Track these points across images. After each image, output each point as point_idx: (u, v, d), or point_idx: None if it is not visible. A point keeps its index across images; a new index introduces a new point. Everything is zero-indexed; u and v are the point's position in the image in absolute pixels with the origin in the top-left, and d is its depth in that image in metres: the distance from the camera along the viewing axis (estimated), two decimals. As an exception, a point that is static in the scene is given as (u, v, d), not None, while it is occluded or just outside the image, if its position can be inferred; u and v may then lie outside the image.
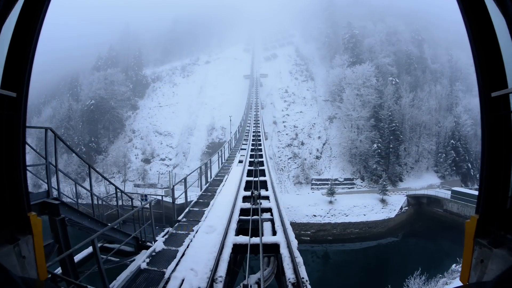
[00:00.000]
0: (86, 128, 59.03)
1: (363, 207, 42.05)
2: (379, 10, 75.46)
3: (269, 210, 9.32)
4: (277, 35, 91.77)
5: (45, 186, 6.15)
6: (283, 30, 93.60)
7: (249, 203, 9.61)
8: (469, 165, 51.52)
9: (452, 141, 51.31)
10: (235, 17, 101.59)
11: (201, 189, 12.53)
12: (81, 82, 67.85)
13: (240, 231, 8.53)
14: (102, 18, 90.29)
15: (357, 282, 29.02)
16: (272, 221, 8.52)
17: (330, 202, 42.40)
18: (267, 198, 10.56)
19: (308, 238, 38.32)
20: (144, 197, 10.64)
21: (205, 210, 9.50)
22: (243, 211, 9.28)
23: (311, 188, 47.67)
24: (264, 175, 14.55)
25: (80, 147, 55.34)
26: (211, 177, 14.70)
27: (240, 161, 18.21)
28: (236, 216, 8.56)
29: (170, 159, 55.04)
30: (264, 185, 12.97)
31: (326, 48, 74.78)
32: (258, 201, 9.49)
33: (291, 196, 44.81)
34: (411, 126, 52.98)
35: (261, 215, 8.70)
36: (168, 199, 42.29)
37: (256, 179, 13.28)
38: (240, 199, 10.17)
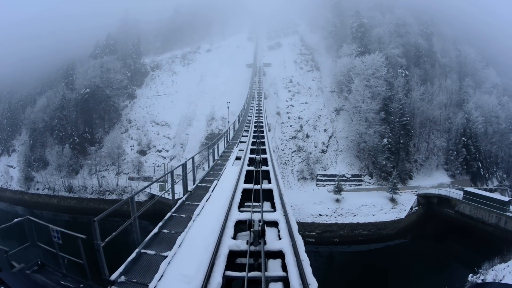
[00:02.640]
0: (80, 118, 54.76)
1: (372, 206, 38.07)
2: (386, 2, 71.81)
3: (279, 254, 5.15)
4: (282, 24, 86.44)
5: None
6: (287, 19, 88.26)
7: (245, 241, 5.38)
8: (479, 164, 47.34)
9: (463, 138, 47.14)
10: (238, 6, 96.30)
11: (173, 205, 8.33)
12: (77, 70, 62.97)
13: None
14: (101, 6, 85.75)
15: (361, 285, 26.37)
16: (285, 283, 4.38)
17: (337, 200, 38.36)
18: (274, 224, 6.37)
19: (313, 240, 34.40)
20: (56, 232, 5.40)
21: (165, 257, 5.30)
22: (234, 256, 5.13)
23: (316, 184, 43.48)
24: (269, 180, 10.37)
25: (74, 138, 51.21)
26: (194, 183, 10.53)
27: (238, 158, 13.97)
28: (218, 278, 4.34)
29: (167, 151, 50.84)
30: (268, 196, 8.76)
31: (332, 37, 70.24)
32: (260, 239, 5.21)
33: (295, 192, 40.71)
34: (421, 121, 48.96)
35: (266, 270, 4.54)
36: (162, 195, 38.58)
37: (257, 187, 9.00)
38: (229, 230, 5.90)
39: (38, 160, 52.48)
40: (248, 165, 12.29)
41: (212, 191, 8.66)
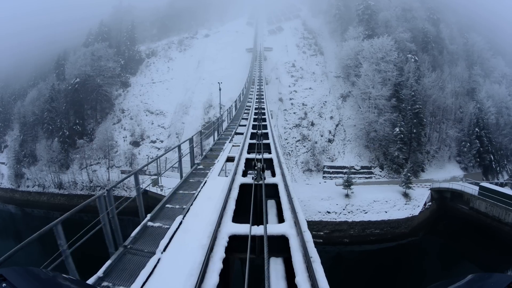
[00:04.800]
0: (71, 110, 49.83)
1: (385, 202, 33.67)
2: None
3: None
4: (282, 9, 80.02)
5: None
6: (288, 4, 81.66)
7: None
8: (491, 157, 43.28)
9: (476, 129, 42.97)
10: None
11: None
12: (69, 60, 57.38)
13: None
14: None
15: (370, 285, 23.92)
16: None
17: (347, 195, 33.84)
18: None
19: (321, 240, 30.06)
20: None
21: None
22: None
23: (323, 176, 38.98)
24: (279, 207, 5.76)
25: (63, 131, 46.54)
26: (142, 220, 5.80)
27: (230, 159, 9.35)
28: None
29: (162, 141, 46.15)
30: (281, 247, 4.20)
31: (336, 21, 64.64)
32: None
33: (300, 186, 36.18)
34: (432, 109, 44.29)
35: None
36: (154, 189, 34.29)
37: (259, 230, 4.35)
38: None
39: (28, 156, 48.05)
40: (244, 172, 7.68)
41: (164, 250, 4.03)
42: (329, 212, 31.94)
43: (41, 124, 49.78)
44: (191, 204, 5.65)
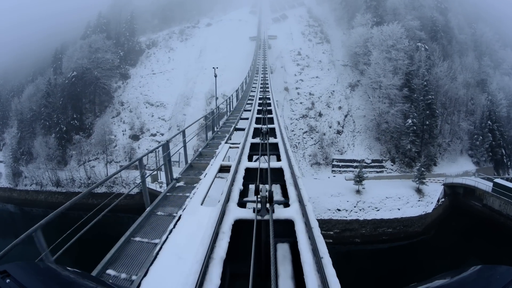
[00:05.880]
0: (68, 104, 47.32)
1: (397, 198, 31.25)
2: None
3: None
4: (286, -2, 76.67)
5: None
6: (292, -8, 78.27)
7: None
8: (503, 151, 40.59)
9: (489, 122, 40.19)
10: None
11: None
12: (66, 54, 54.68)
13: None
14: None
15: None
16: None
17: (358, 191, 31.30)
18: None
19: (331, 240, 27.63)
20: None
21: None
22: None
23: (332, 170, 36.38)
24: (295, 258, 3.43)
25: (60, 126, 44.20)
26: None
27: (224, 169, 6.88)
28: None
29: (162, 134, 43.65)
30: None
31: (343, 8, 61.49)
32: None
33: (308, 181, 33.41)
34: (444, 101, 41.31)
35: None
36: (152, 186, 31.98)
37: None
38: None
39: (26, 153, 45.85)
40: (243, 192, 5.26)
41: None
42: (339, 210, 29.54)
43: (38, 120, 47.56)
44: (145, 274, 3.14)
